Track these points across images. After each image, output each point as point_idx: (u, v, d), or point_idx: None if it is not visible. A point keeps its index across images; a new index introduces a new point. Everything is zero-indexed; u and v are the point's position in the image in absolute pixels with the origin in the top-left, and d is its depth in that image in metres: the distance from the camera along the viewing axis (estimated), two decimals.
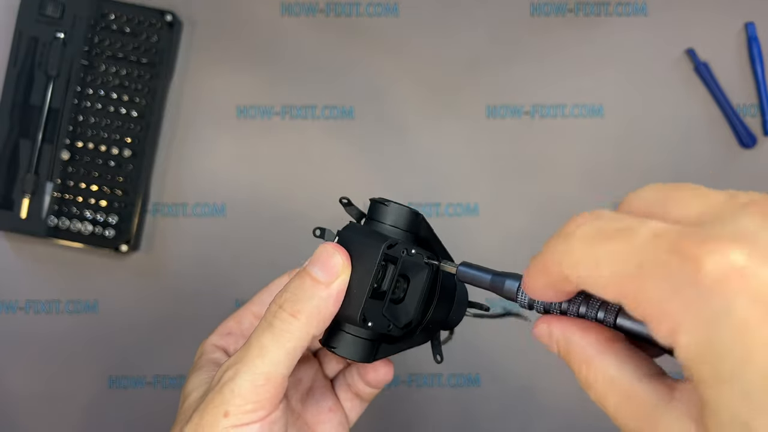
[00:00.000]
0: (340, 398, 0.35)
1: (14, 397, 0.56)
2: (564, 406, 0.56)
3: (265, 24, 0.57)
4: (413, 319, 0.31)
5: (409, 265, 0.30)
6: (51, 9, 0.55)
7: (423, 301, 0.31)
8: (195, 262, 0.57)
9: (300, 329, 0.29)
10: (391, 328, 0.30)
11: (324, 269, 0.29)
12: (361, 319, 0.29)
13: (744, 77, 0.57)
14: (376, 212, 0.32)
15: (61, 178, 0.55)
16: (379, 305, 0.30)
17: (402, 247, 0.30)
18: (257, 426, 0.29)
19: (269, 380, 0.29)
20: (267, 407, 0.29)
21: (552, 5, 0.57)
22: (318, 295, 0.29)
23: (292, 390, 0.35)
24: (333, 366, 0.36)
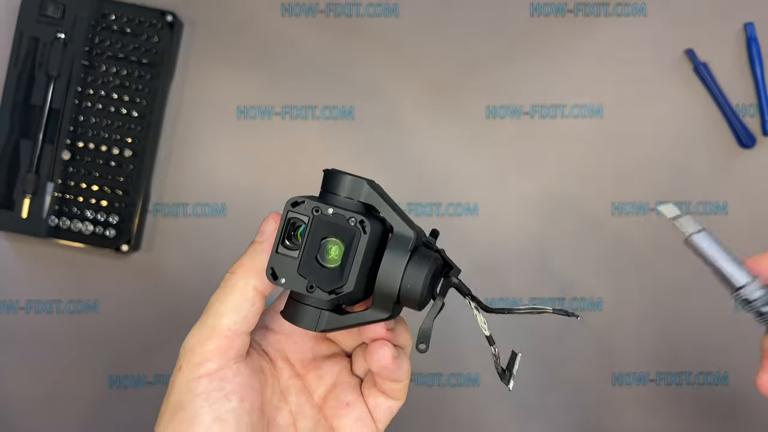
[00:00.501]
0: (365, 395, 0.35)
1: (14, 398, 0.56)
2: (564, 405, 0.57)
3: (265, 24, 0.57)
4: (345, 285, 0.30)
5: (335, 227, 0.30)
6: (52, 9, 0.55)
7: (357, 266, 0.30)
8: (195, 262, 0.57)
9: (238, 281, 0.31)
10: (314, 290, 0.30)
11: (260, 232, 0.33)
12: (270, 274, 0.31)
13: (743, 77, 0.57)
14: (324, 182, 0.32)
15: (61, 178, 0.55)
16: (294, 264, 0.30)
17: (312, 206, 0.30)
18: (206, 380, 0.31)
19: (214, 332, 0.31)
20: (216, 360, 0.31)
21: (552, 5, 0.57)
22: (252, 250, 0.32)
23: (315, 385, 0.35)
24: (362, 365, 0.36)
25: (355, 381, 0.35)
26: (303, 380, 0.35)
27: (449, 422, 0.57)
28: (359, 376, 0.36)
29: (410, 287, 0.30)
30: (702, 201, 0.57)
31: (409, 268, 0.30)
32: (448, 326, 0.41)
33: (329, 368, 0.35)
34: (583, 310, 0.56)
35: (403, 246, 0.30)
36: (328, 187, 0.31)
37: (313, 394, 0.35)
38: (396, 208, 0.31)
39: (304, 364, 0.35)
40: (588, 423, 0.57)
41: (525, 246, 0.57)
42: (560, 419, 0.56)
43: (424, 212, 0.57)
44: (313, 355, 0.35)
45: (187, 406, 0.30)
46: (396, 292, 0.30)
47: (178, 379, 0.31)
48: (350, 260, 0.30)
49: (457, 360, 0.56)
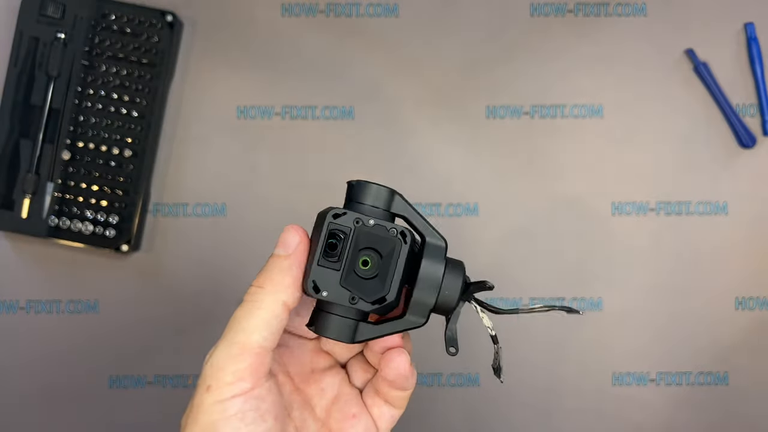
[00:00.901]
0: (368, 405, 0.35)
1: (16, 396, 0.56)
2: (564, 405, 0.57)
3: (265, 24, 0.57)
4: (387, 294, 0.31)
5: (379, 239, 0.31)
6: (52, 9, 0.55)
7: (398, 276, 0.31)
8: (195, 262, 0.57)
9: (266, 297, 0.30)
10: (357, 301, 0.30)
11: (283, 246, 0.31)
12: (311, 287, 0.30)
13: (743, 77, 0.57)
14: (352, 193, 0.32)
15: (61, 178, 0.55)
16: (336, 276, 0.30)
17: (354, 217, 0.30)
18: (240, 400, 0.29)
19: (244, 349, 0.30)
20: (248, 379, 0.30)
21: (552, 6, 0.57)
22: (278, 265, 0.31)
23: (317, 399, 0.35)
24: (360, 375, 0.36)
25: (356, 392, 0.35)
26: (304, 394, 0.35)
27: (449, 422, 0.57)
28: (358, 387, 0.36)
29: (448, 294, 0.31)
30: (702, 201, 0.57)
31: (446, 276, 0.31)
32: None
33: (330, 381, 0.35)
34: (583, 310, 0.56)
35: (439, 255, 0.31)
36: (358, 198, 0.31)
37: (315, 408, 0.34)
38: (424, 218, 0.32)
39: (304, 378, 0.35)
40: (588, 423, 0.57)
41: (525, 246, 0.57)
42: (560, 419, 0.56)
43: (424, 212, 0.57)
44: (311, 368, 0.35)
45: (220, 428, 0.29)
46: (435, 299, 0.31)
47: (207, 399, 0.29)
48: (391, 270, 0.31)
49: (457, 360, 0.56)
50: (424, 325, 0.32)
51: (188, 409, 0.31)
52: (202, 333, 0.56)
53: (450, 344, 0.32)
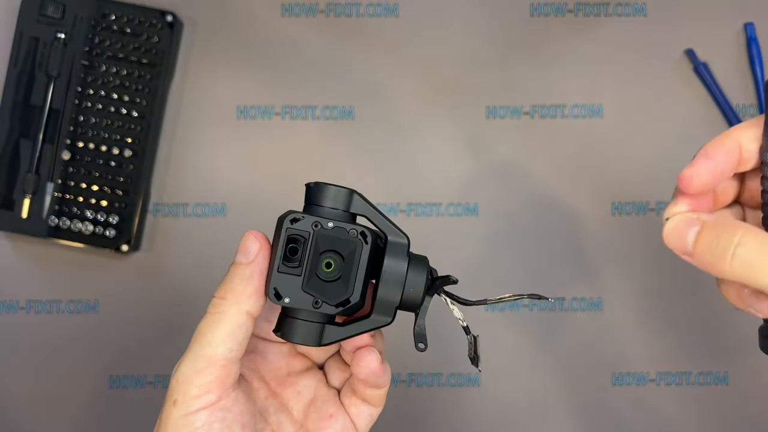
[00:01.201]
0: (345, 405, 0.35)
1: (14, 397, 0.56)
2: (564, 405, 0.57)
3: (265, 24, 0.57)
4: (351, 296, 0.30)
5: (340, 242, 0.30)
6: (52, 9, 0.55)
7: (361, 277, 0.30)
8: (195, 262, 0.57)
9: (230, 308, 0.30)
10: (321, 305, 0.30)
11: (243, 253, 0.31)
12: (273, 294, 0.30)
13: (743, 77, 0.57)
14: (310, 195, 0.32)
15: (61, 178, 0.55)
16: (298, 281, 0.30)
17: (312, 221, 0.30)
18: (206, 412, 0.30)
19: (210, 362, 0.30)
20: (214, 391, 0.30)
21: (552, 5, 0.57)
22: (240, 273, 0.31)
23: (293, 402, 0.35)
24: (338, 375, 0.36)
25: (333, 392, 0.35)
26: (280, 398, 0.35)
27: (449, 422, 0.57)
28: (336, 388, 0.36)
29: (413, 291, 0.31)
30: None
31: (409, 273, 0.31)
32: (447, 327, 0.41)
33: (306, 383, 0.35)
34: (583, 310, 0.56)
35: (401, 253, 0.31)
36: (316, 200, 0.31)
37: (293, 410, 0.34)
38: (384, 216, 0.31)
39: (280, 382, 0.35)
40: (588, 423, 0.57)
41: (525, 246, 0.57)
42: (560, 419, 0.56)
43: (424, 212, 0.57)
44: (287, 372, 0.35)
45: None
46: (399, 297, 0.31)
47: (174, 413, 0.30)
48: (354, 271, 0.31)
49: (457, 360, 0.56)
50: (391, 323, 0.31)
51: (157, 423, 0.31)
52: None
53: (419, 340, 0.32)
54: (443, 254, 0.57)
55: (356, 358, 0.32)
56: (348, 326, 0.31)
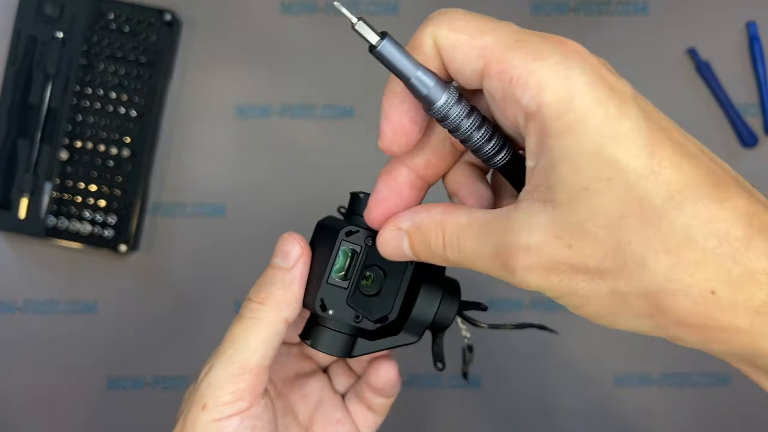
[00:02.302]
0: (351, 411, 0.35)
1: (14, 397, 0.56)
2: (563, 406, 0.56)
3: (264, 23, 0.57)
4: (389, 314, 0.31)
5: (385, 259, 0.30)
6: (50, 8, 0.55)
7: (401, 295, 0.31)
8: (194, 262, 0.57)
9: (268, 314, 0.30)
10: (361, 320, 0.30)
11: (283, 256, 0.30)
12: (319, 306, 0.30)
13: (745, 76, 0.57)
14: (355, 205, 0.32)
15: (59, 178, 0.55)
16: (344, 294, 0.30)
17: (365, 236, 0.30)
18: (237, 419, 0.29)
19: (245, 369, 0.29)
20: (246, 398, 0.29)
21: (553, 4, 0.57)
22: (280, 279, 0.30)
23: (300, 405, 0.34)
24: (343, 381, 0.36)
25: (339, 398, 0.35)
26: (287, 400, 0.34)
27: (449, 423, 0.56)
28: (340, 392, 0.35)
29: (443, 316, 0.32)
30: None
31: (444, 297, 0.32)
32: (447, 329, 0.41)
33: (312, 386, 0.35)
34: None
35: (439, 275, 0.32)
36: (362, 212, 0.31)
37: (298, 414, 0.34)
38: None
39: (287, 383, 0.35)
40: (589, 424, 0.56)
41: None
42: (562, 420, 0.56)
43: None
44: (295, 374, 0.35)
45: None
46: (432, 319, 0.31)
47: (203, 417, 0.29)
48: (395, 289, 0.31)
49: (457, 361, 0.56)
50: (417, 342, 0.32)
51: (179, 425, 0.30)
52: (201, 333, 0.56)
53: (438, 359, 0.33)
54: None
55: (374, 367, 0.33)
56: (377, 341, 0.32)
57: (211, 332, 0.56)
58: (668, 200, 0.21)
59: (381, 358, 0.33)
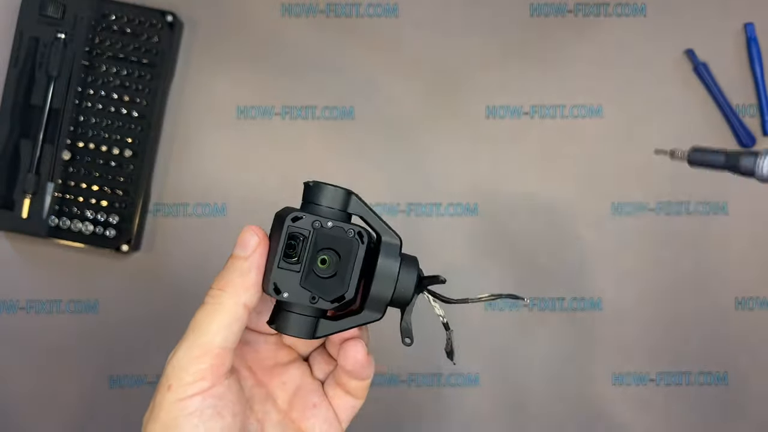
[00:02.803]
0: (329, 396, 0.36)
1: (14, 397, 0.56)
2: (564, 405, 0.57)
3: (265, 24, 0.57)
4: (345, 293, 0.32)
5: (337, 240, 0.32)
6: (52, 9, 0.55)
7: (357, 274, 0.32)
8: (195, 262, 0.57)
9: (228, 300, 0.31)
10: (317, 301, 0.31)
11: (242, 246, 0.32)
12: (272, 289, 0.31)
13: (743, 77, 0.57)
14: (309, 194, 0.33)
15: (62, 178, 0.55)
16: (297, 277, 0.31)
17: (312, 219, 0.31)
18: (200, 398, 0.30)
19: (206, 351, 0.31)
20: (208, 378, 0.31)
21: (552, 6, 0.57)
22: (239, 267, 0.32)
23: (279, 392, 0.36)
24: (322, 368, 0.37)
25: (318, 384, 0.36)
26: (266, 388, 0.35)
27: (449, 422, 0.57)
28: (320, 379, 0.36)
29: (403, 289, 0.32)
30: (702, 201, 0.57)
31: (401, 272, 0.32)
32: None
33: (291, 374, 0.36)
34: (584, 310, 0.56)
35: (394, 252, 0.33)
36: (315, 199, 0.32)
37: (277, 400, 0.35)
38: (379, 217, 0.33)
39: (266, 372, 0.36)
40: (588, 423, 0.57)
41: (525, 246, 0.57)
42: (560, 419, 0.56)
43: (424, 212, 0.57)
44: (274, 363, 0.36)
45: (180, 425, 0.30)
46: (390, 295, 0.32)
47: (168, 397, 0.31)
48: (349, 269, 0.32)
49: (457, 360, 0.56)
50: (380, 319, 0.33)
51: (149, 407, 0.32)
52: None
53: (405, 335, 0.34)
54: (443, 254, 0.57)
55: (344, 349, 0.33)
56: (340, 321, 0.33)
57: None
58: None
59: (349, 341, 0.34)
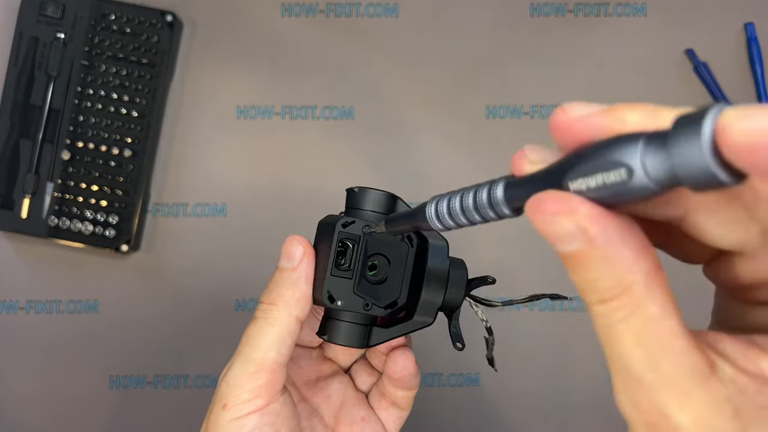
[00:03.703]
0: (375, 408, 0.35)
1: (14, 397, 0.56)
2: (563, 406, 0.57)
3: (265, 24, 0.57)
4: (398, 298, 0.31)
5: (386, 245, 0.31)
6: (51, 9, 0.55)
7: (408, 279, 0.31)
8: (195, 262, 0.57)
9: (280, 313, 0.31)
10: (371, 308, 0.31)
11: (287, 257, 0.31)
12: (327, 297, 0.30)
13: (743, 78, 0.57)
14: (351, 200, 0.32)
15: (61, 178, 0.55)
16: (350, 284, 0.31)
17: (362, 225, 0.31)
18: (256, 416, 0.30)
19: (261, 367, 0.30)
20: (264, 396, 0.30)
21: (552, 6, 0.57)
22: (287, 279, 0.31)
23: (324, 406, 0.35)
24: (365, 379, 0.36)
25: (362, 396, 0.36)
26: (310, 403, 0.35)
27: (449, 422, 0.57)
28: (363, 391, 0.36)
29: (454, 293, 0.32)
30: None
31: (451, 275, 0.32)
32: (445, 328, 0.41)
33: (335, 387, 0.35)
34: (583, 309, 0.56)
35: (443, 255, 0.32)
36: (360, 204, 0.32)
37: (324, 415, 0.35)
38: None
39: (310, 387, 0.35)
40: (588, 423, 0.57)
41: (525, 245, 0.57)
42: (560, 419, 0.56)
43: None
44: (316, 376, 0.36)
45: None
46: (442, 298, 0.32)
47: (224, 416, 0.30)
48: (400, 274, 0.31)
49: (457, 360, 0.56)
50: (432, 324, 0.32)
51: (204, 425, 0.31)
52: (202, 333, 0.57)
53: (456, 339, 0.33)
54: None
55: (392, 358, 0.33)
56: (391, 328, 0.32)
57: (212, 331, 0.57)
58: None
59: (397, 349, 0.33)
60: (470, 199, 0.21)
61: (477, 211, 0.21)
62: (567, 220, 0.17)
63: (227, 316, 0.56)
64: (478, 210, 0.21)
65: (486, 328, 0.34)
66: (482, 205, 0.20)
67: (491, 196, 0.20)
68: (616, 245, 0.17)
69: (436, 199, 0.23)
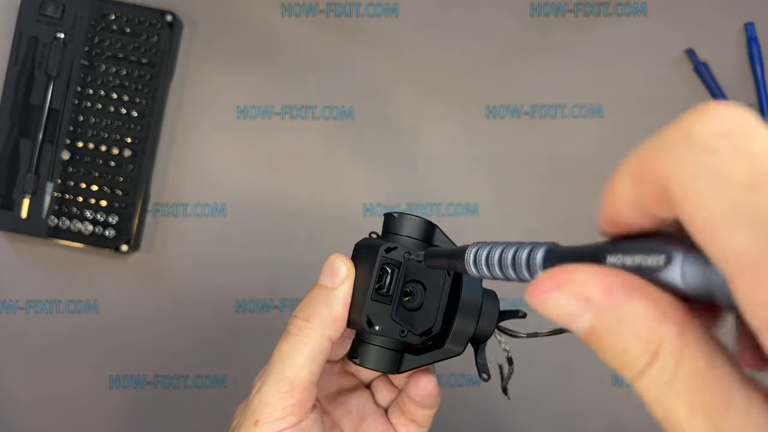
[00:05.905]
0: (394, 424, 0.36)
1: (14, 397, 0.56)
2: (563, 407, 0.57)
3: (265, 24, 0.57)
4: (433, 326, 0.31)
5: (422, 272, 0.31)
6: (51, 9, 0.55)
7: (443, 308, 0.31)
8: (195, 262, 0.57)
9: (314, 332, 0.30)
10: (406, 335, 0.31)
11: (330, 276, 0.31)
12: (365, 321, 0.30)
13: (744, 77, 0.57)
14: (390, 224, 0.32)
15: (61, 178, 0.55)
16: (387, 310, 0.31)
17: (404, 251, 0.31)
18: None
19: (293, 385, 0.30)
20: (297, 413, 0.30)
21: (552, 5, 0.57)
22: (326, 298, 0.31)
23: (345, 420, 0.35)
24: (385, 395, 0.36)
25: (381, 411, 0.36)
26: (331, 416, 0.35)
27: (449, 422, 0.57)
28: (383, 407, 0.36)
29: (486, 324, 0.32)
30: None
31: (484, 306, 0.32)
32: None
33: (355, 402, 0.36)
34: None
35: (477, 286, 0.32)
36: (399, 230, 0.32)
37: (344, 429, 0.35)
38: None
39: (331, 400, 0.35)
40: (588, 423, 0.57)
41: None
42: (560, 419, 0.56)
43: (424, 212, 0.57)
44: (337, 390, 0.36)
45: None
46: (474, 329, 0.32)
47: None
48: (436, 302, 0.31)
49: (457, 360, 0.56)
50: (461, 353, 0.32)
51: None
52: (202, 333, 0.57)
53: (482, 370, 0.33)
54: None
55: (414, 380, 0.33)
56: (423, 356, 0.32)
57: (212, 332, 0.57)
58: None
59: (420, 371, 0.33)
60: (510, 254, 0.21)
61: (513, 267, 0.21)
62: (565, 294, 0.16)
63: (227, 317, 0.56)
64: (514, 267, 0.21)
65: (507, 358, 0.34)
66: (519, 264, 0.20)
67: (531, 257, 0.20)
68: (630, 301, 0.15)
69: (477, 246, 0.23)
